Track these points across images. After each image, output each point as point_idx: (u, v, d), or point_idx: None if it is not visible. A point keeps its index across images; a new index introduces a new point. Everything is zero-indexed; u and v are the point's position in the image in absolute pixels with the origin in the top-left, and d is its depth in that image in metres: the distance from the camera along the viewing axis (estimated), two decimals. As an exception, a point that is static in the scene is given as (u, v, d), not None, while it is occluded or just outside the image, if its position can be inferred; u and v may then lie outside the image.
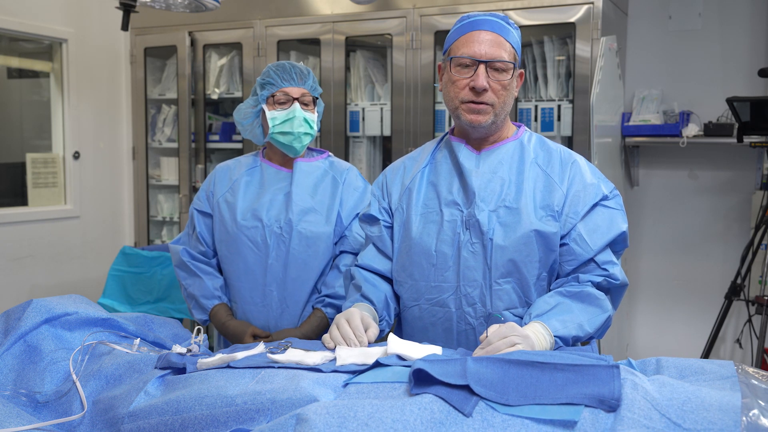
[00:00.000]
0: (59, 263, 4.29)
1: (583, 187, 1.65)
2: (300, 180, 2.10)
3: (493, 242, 1.61)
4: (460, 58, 1.63)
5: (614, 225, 1.64)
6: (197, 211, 2.19)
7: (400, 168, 1.85)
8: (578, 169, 1.68)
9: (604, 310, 1.59)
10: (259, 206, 2.09)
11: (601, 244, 1.62)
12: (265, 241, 2.06)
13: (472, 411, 1.12)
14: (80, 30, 4.33)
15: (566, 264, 1.64)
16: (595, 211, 1.64)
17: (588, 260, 1.62)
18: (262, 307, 2.09)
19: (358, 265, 1.83)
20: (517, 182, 1.66)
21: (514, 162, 1.69)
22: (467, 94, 1.63)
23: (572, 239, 1.62)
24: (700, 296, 3.87)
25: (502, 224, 1.62)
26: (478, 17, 1.67)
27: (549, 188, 1.65)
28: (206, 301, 2.13)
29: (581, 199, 1.64)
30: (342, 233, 2.12)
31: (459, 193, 1.69)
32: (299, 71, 2.09)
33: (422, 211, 1.72)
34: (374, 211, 1.82)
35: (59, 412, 1.43)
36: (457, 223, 1.66)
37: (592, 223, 1.63)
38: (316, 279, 2.09)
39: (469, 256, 1.64)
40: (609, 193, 1.67)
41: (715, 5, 3.75)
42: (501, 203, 1.64)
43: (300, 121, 2.06)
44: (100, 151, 4.52)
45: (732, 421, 1.05)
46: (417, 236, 1.70)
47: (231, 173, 2.19)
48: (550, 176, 1.66)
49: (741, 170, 3.76)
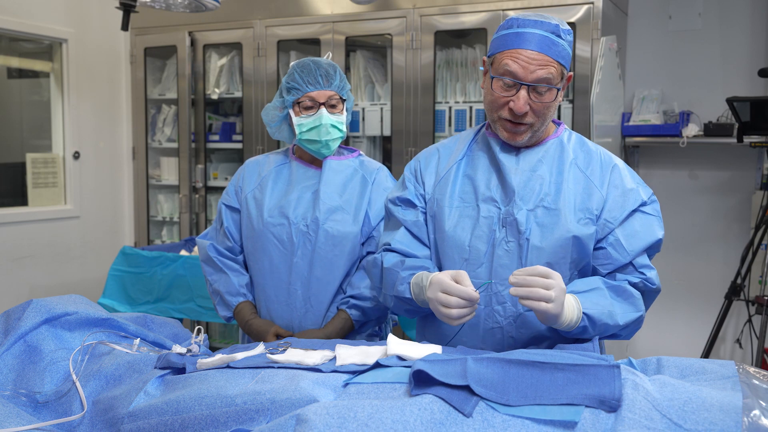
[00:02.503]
0: (59, 263, 4.29)
1: (623, 192, 1.63)
2: (329, 178, 2.07)
3: (530, 242, 1.59)
4: (503, 78, 1.56)
5: (652, 231, 1.62)
6: (225, 206, 2.16)
7: (434, 155, 1.79)
8: (618, 173, 1.65)
9: (638, 309, 1.58)
10: (287, 203, 2.06)
11: (638, 249, 1.60)
12: (291, 239, 2.03)
13: (472, 411, 1.12)
14: (80, 30, 4.33)
15: (602, 268, 1.62)
16: (634, 216, 1.62)
17: (626, 264, 1.61)
18: (286, 306, 2.06)
19: (391, 249, 1.73)
20: (557, 182, 1.63)
21: (554, 161, 1.66)
22: (506, 113, 1.59)
23: (609, 244, 1.60)
24: (700, 296, 3.87)
25: (539, 225, 1.59)
26: (525, 30, 1.56)
27: (588, 191, 1.63)
28: (231, 298, 2.11)
29: (620, 204, 1.61)
30: (369, 233, 2.07)
31: (497, 190, 1.65)
32: (325, 72, 2.02)
33: (457, 204, 1.68)
34: (411, 196, 1.75)
35: (59, 412, 1.43)
36: (494, 220, 1.63)
37: (631, 229, 1.61)
38: (342, 279, 2.05)
39: (503, 254, 1.61)
40: (647, 199, 1.64)
41: (715, 5, 3.75)
42: (540, 203, 1.61)
43: (327, 128, 2.01)
44: (100, 151, 4.52)
45: (733, 421, 1.04)
46: (450, 230, 1.66)
47: (260, 169, 2.16)
48: (590, 179, 1.64)
49: (741, 170, 3.76)
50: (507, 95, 1.57)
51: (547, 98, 1.57)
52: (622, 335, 1.60)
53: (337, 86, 2.04)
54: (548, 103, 1.58)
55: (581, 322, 1.50)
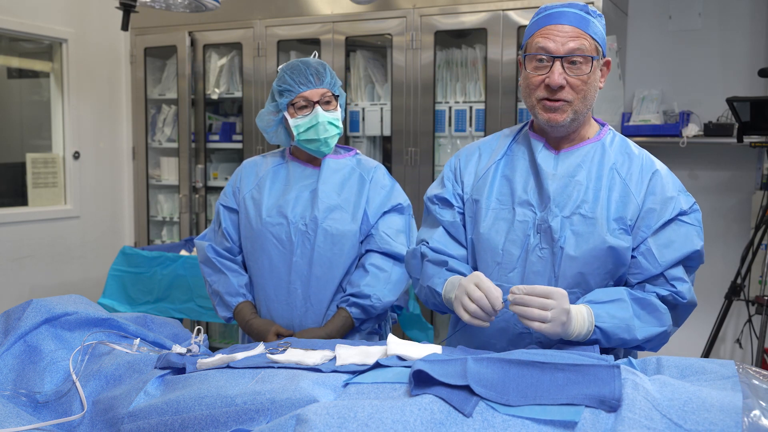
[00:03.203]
0: (59, 263, 4.29)
1: (662, 200, 1.57)
2: (327, 177, 2.08)
3: (564, 251, 1.56)
4: (535, 55, 1.55)
5: (689, 242, 1.56)
6: (223, 206, 2.17)
7: (474, 153, 1.76)
8: (659, 180, 1.60)
9: (662, 324, 1.53)
10: (285, 203, 2.07)
11: (672, 259, 1.55)
12: (290, 238, 2.04)
13: (472, 411, 1.12)
14: (80, 30, 4.33)
15: (632, 277, 1.58)
16: (671, 226, 1.57)
17: (656, 275, 1.56)
18: (286, 305, 2.07)
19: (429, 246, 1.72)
20: (595, 188, 1.58)
21: (594, 166, 1.61)
22: (542, 92, 1.56)
23: (640, 253, 1.56)
24: (700, 296, 3.82)
25: (575, 233, 1.56)
26: (555, 9, 1.56)
27: (625, 199, 1.58)
28: (230, 299, 2.11)
29: (657, 212, 1.56)
30: (368, 231, 2.09)
31: (534, 194, 1.62)
32: (315, 71, 2.04)
33: (494, 206, 1.65)
34: (449, 195, 1.73)
35: (59, 412, 1.43)
36: (529, 225, 1.60)
37: (666, 238, 1.56)
38: (341, 277, 2.06)
39: (536, 260, 1.58)
40: (688, 209, 1.58)
41: (715, 5, 3.75)
42: (576, 210, 1.57)
43: (324, 126, 2.02)
44: (100, 151, 4.52)
45: (733, 421, 1.04)
46: (485, 232, 1.64)
47: (258, 169, 2.17)
48: (628, 186, 1.59)
49: (741, 170, 3.76)
50: (542, 74, 1.55)
51: (583, 71, 1.54)
52: (646, 347, 1.55)
53: (328, 83, 2.05)
54: (585, 76, 1.55)
55: (593, 335, 1.48)
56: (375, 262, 2.06)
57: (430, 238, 1.73)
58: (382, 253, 2.07)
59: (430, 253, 1.71)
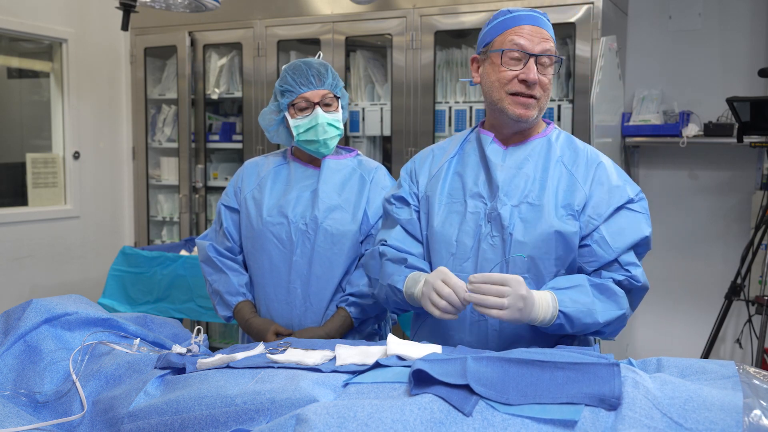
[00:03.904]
0: (59, 263, 4.29)
1: (609, 189, 1.65)
2: (327, 177, 2.09)
3: (513, 237, 1.62)
4: (511, 51, 1.63)
5: (638, 228, 1.63)
6: (224, 206, 2.18)
7: (428, 156, 1.85)
8: (604, 170, 1.68)
9: (621, 307, 1.59)
10: (285, 203, 2.08)
11: (624, 246, 1.61)
12: (290, 237, 2.05)
13: (472, 410, 1.12)
14: (80, 30, 4.33)
15: (587, 265, 1.64)
16: (620, 213, 1.64)
17: (610, 261, 1.62)
18: (286, 305, 2.07)
19: (387, 245, 1.79)
20: (542, 179, 1.66)
21: (540, 159, 1.69)
22: (517, 86, 1.63)
23: (594, 241, 1.62)
24: (700, 296, 3.87)
25: (522, 220, 1.63)
26: (522, 12, 1.66)
27: (572, 188, 1.65)
28: (230, 298, 2.12)
29: (605, 201, 1.63)
30: (368, 232, 2.09)
31: (484, 186, 1.69)
32: (316, 72, 2.04)
33: (446, 201, 1.73)
34: (405, 194, 1.81)
35: (59, 412, 1.43)
36: (480, 215, 1.67)
37: (616, 226, 1.62)
38: (341, 277, 2.07)
39: (488, 248, 1.65)
40: (635, 197, 1.66)
41: (715, 5, 3.75)
42: (524, 199, 1.64)
43: (324, 127, 2.03)
44: (100, 151, 4.52)
45: (734, 421, 1.04)
46: (439, 225, 1.71)
47: (259, 170, 2.18)
48: (574, 176, 1.67)
49: (741, 170, 3.76)
50: (515, 69, 1.63)
51: (550, 72, 1.66)
52: (605, 333, 1.62)
53: (330, 84, 2.06)
54: (551, 76, 1.66)
55: (557, 320, 1.52)
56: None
57: (388, 237, 1.79)
58: None
59: (389, 252, 1.76)
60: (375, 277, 1.81)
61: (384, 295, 1.76)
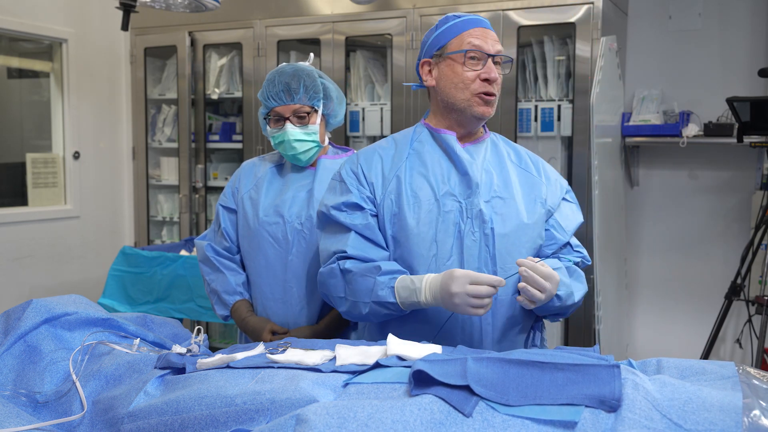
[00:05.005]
0: (59, 263, 4.29)
1: (553, 182, 1.83)
2: (323, 177, 2.10)
3: (495, 231, 1.69)
4: (471, 51, 1.69)
5: (577, 215, 1.86)
6: (222, 207, 2.20)
7: (374, 157, 1.79)
8: (545, 166, 1.86)
9: (585, 287, 1.77)
10: (281, 203, 2.09)
11: (571, 230, 1.81)
12: (286, 237, 2.06)
13: (472, 411, 1.12)
14: (80, 30, 4.33)
15: (547, 248, 1.78)
16: (563, 203, 1.83)
17: (564, 244, 1.79)
18: (282, 304, 2.09)
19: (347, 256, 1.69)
20: (503, 174, 1.76)
21: (494, 157, 1.79)
22: (480, 86, 1.69)
23: (551, 226, 1.78)
24: (700, 296, 3.87)
25: (498, 214, 1.70)
26: (474, 16, 1.76)
27: (530, 181, 1.79)
28: (228, 297, 2.14)
29: (554, 192, 1.81)
30: None
31: (456, 184, 1.72)
32: (285, 87, 2.02)
33: (414, 202, 1.71)
34: (357, 199, 1.73)
35: (59, 412, 1.43)
36: (455, 213, 1.69)
37: (563, 213, 1.81)
38: None
39: (471, 244, 1.68)
40: (568, 188, 1.88)
41: (715, 5, 3.75)
42: (494, 194, 1.72)
43: (290, 143, 2.03)
44: (100, 151, 4.52)
45: (733, 421, 1.04)
46: (414, 228, 1.69)
47: (256, 170, 2.20)
48: (527, 171, 1.81)
49: (741, 170, 3.76)
50: (476, 69, 1.70)
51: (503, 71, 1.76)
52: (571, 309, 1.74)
53: (301, 99, 2.04)
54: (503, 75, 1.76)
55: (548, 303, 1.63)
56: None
57: (345, 246, 1.69)
58: None
59: (354, 266, 1.67)
60: (339, 296, 1.71)
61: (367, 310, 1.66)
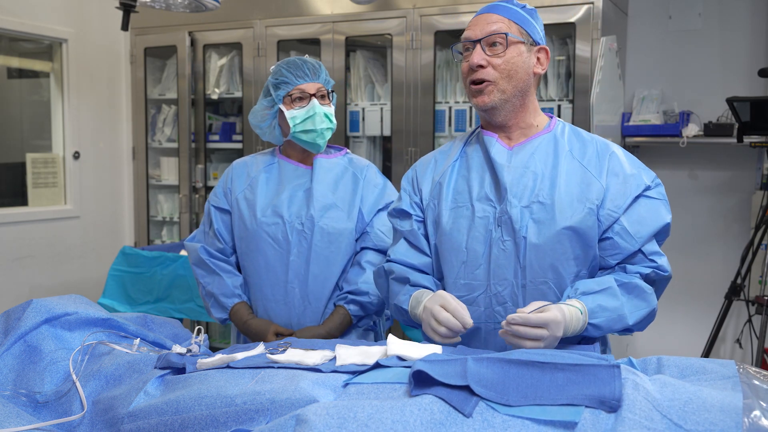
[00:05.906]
0: (59, 263, 4.28)
1: (624, 179, 1.59)
2: (321, 176, 2.09)
3: (527, 240, 1.57)
4: (461, 44, 1.65)
5: (659, 216, 1.60)
6: (214, 207, 2.17)
7: (430, 162, 1.79)
8: (617, 160, 1.62)
9: (650, 305, 1.56)
10: (279, 202, 2.08)
11: (646, 235, 1.57)
12: (287, 237, 2.05)
13: (472, 411, 1.12)
14: (80, 30, 4.33)
15: (611, 258, 1.59)
16: (639, 202, 1.59)
17: (634, 252, 1.58)
18: (284, 305, 2.07)
19: (391, 260, 1.75)
20: (551, 176, 1.60)
21: (549, 156, 1.63)
22: (469, 75, 1.63)
23: (615, 233, 1.57)
24: (700, 296, 3.87)
25: (535, 221, 1.57)
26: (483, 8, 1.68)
27: (586, 181, 1.59)
28: (226, 300, 2.12)
29: (622, 191, 1.58)
30: (363, 229, 2.11)
31: (491, 189, 1.63)
32: (311, 66, 2.08)
33: (452, 206, 1.67)
34: (406, 206, 1.76)
35: (59, 412, 1.43)
36: (490, 220, 1.61)
37: (636, 215, 1.58)
38: (339, 276, 2.08)
39: (499, 253, 1.59)
40: (651, 183, 1.61)
41: (715, 5, 3.75)
42: (534, 198, 1.58)
43: (321, 117, 2.05)
44: (100, 151, 4.52)
45: (734, 422, 1.04)
46: (447, 232, 1.65)
47: (248, 170, 2.18)
48: (587, 168, 1.61)
49: (741, 170, 3.76)
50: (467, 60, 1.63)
51: (507, 54, 1.59)
52: (634, 329, 1.57)
53: (323, 79, 2.09)
54: (504, 55, 1.59)
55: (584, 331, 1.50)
56: (371, 260, 2.08)
57: (392, 252, 1.76)
58: (377, 251, 2.10)
59: (395, 269, 1.73)
60: (384, 294, 1.80)
61: (395, 313, 1.74)
